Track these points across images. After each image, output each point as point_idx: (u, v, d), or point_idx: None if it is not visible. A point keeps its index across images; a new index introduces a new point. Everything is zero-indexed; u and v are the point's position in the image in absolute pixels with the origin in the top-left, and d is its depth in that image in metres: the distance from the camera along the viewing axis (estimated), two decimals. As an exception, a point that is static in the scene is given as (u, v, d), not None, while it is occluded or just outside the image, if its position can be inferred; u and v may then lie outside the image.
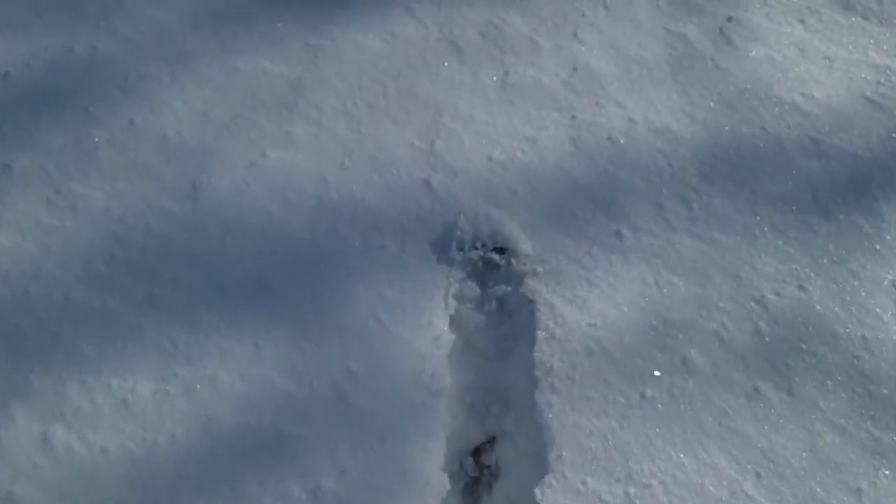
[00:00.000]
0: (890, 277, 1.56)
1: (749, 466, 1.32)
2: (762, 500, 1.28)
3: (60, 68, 1.92)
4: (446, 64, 1.97)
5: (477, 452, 1.39)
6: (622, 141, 1.80)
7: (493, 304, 1.51)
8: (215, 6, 2.09)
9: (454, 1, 2.14)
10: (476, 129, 1.82)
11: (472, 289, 1.51)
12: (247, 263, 1.55)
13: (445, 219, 1.63)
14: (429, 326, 1.45)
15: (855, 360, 1.44)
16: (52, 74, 1.91)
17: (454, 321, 1.49)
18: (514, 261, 1.54)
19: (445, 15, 2.10)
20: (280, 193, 1.68)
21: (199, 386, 1.37)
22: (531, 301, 1.49)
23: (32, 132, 1.79)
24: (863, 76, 1.96)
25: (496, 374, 1.48)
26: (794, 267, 1.57)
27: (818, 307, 1.50)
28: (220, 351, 1.41)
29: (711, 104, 1.90)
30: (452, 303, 1.50)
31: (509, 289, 1.51)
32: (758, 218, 1.65)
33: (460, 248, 1.56)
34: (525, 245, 1.57)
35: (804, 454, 1.33)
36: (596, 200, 1.68)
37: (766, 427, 1.36)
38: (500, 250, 1.56)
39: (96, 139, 1.75)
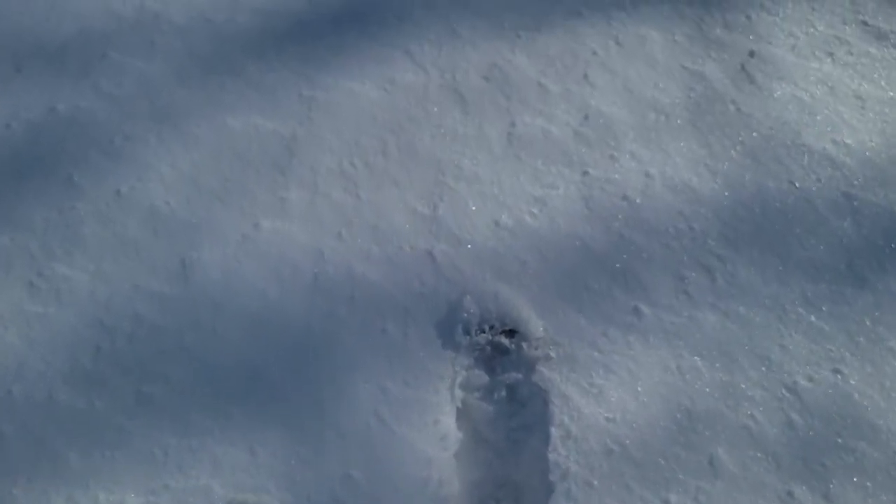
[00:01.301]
0: (932, 354, 1.45)
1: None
2: None
3: (42, 130, 1.82)
4: (449, 115, 1.85)
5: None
6: (638, 200, 1.68)
7: (503, 393, 1.41)
8: (202, 54, 1.98)
9: (455, 41, 2.02)
10: (481, 189, 1.71)
11: (480, 377, 1.42)
12: (240, 353, 1.46)
13: (450, 297, 1.53)
14: (435, 425, 1.36)
15: (896, 454, 1.34)
16: (33, 138, 1.81)
17: (461, 414, 1.39)
18: (524, 345, 1.44)
19: (447, 58, 1.98)
20: (274, 270, 1.58)
21: (191, 499, 1.29)
22: (544, 391, 1.39)
23: (15, 205, 1.69)
24: (898, 119, 1.83)
25: (507, 470, 1.39)
26: (828, 347, 1.45)
27: (855, 395, 1.39)
28: (214, 458, 1.33)
29: (734, 154, 1.77)
30: (459, 393, 1.41)
31: (520, 376, 1.42)
32: (787, 289, 1.54)
33: (466, 332, 1.46)
34: (536, 326, 1.47)
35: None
36: (611, 271, 1.57)
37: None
38: (510, 332, 1.46)
39: (81, 212, 1.65)
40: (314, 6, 2.10)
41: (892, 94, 1.88)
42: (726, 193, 1.70)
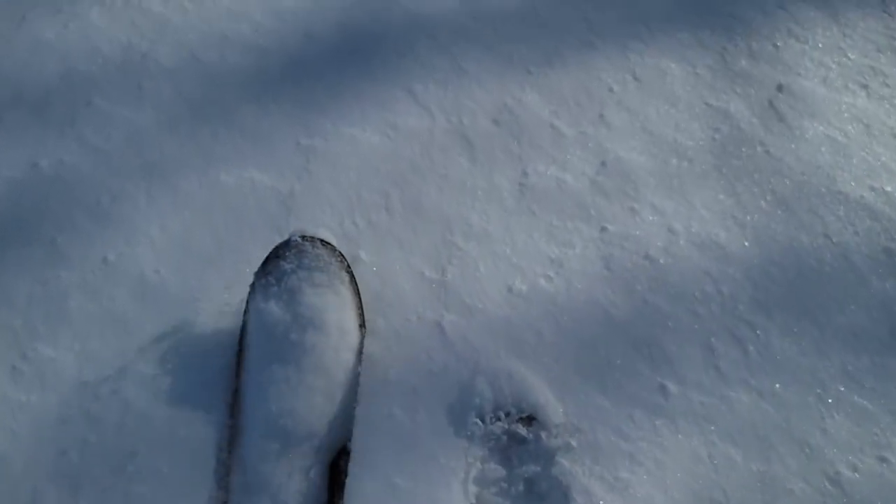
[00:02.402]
0: None
1: None
2: None
3: (24, 190, 1.72)
4: (456, 163, 1.73)
5: None
6: (662, 260, 1.56)
7: (521, 487, 1.30)
8: (193, 101, 1.86)
9: (462, 79, 1.89)
10: (493, 249, 1.60)
11: (496, 470, 1.31)
12: (237, 444, 1.37)
13: (461, 376, 1.42)
14: (448, 527, 1.27)
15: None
16: (15, 198, 1.70)
17: (476, 511, 1.30)
18: (543, 434, 1.33)
19: (452, 98, 1.85)
20: (273, 346, 1.49)
21: None
22: (565, 485, 1.29)
23: (-4, 274, 1.61)
24: (941, 161, 1.70)
25: (526, 569, 1.29)
26: (873, 430, 1.34)
27: (905, 488, 1.28)
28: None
29: (763, 204, 1.65)
30: (473, 489, 1.30)
31: (538, 469, 1.31)
32: (826, 362, 1.42)
33: (480, 418, 1.36)
34: (555, 410, 1.36)
35: None
36: (635, 342, 1.46)
37: None
38: (527, 419, 1.36)
39: (66, 283, 1.55)
40: (311, 42, 1.98)
41: (933, 132, 1.76)
42: (756, 250, 1.58)
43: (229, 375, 1.42)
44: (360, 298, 1.47)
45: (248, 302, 1.45)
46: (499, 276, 1.56)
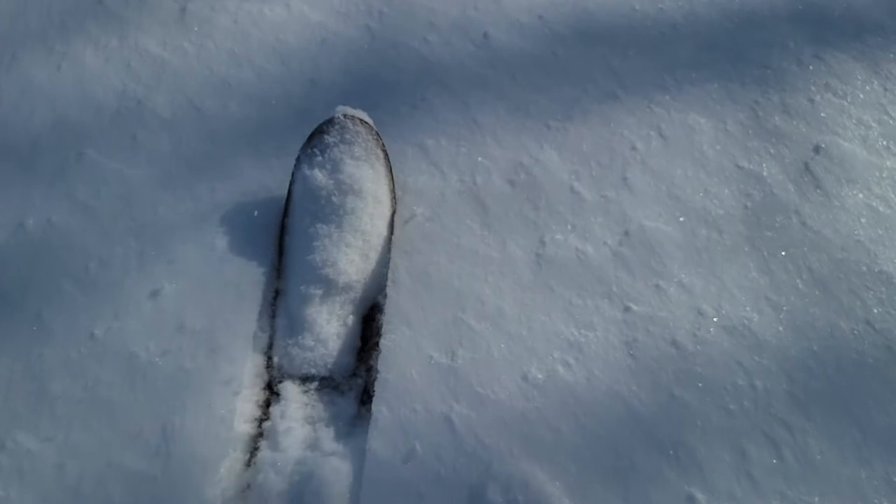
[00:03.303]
0: None
1: None
2: None
3: (9, 253, 1.61)
4: (468, 229, 1.62)
5: None
6: (690, 347, 1.45)
7: None
8: (190, 153, 1.75)
9: (476, 134, 1.78)
10: (507, 330, 1.49)
11: (509, 589, 1.22)
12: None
13: (471, 480, 1.31)
14: None
15: None
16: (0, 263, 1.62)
17: None
18: (560, 552, 1.23)
19: (466, 155, 1.74)
20: (269, 438, 1.39)
21: None
22: None
23: (-23, 349, 1.51)
24: None
25: None
26: (921, 555, 1.24)
27: None
28: None
29: (800, 284, 1.53)
30: None
31: (555, 591, 1.21)
32: (868, 470, 1.31)
33: (492, 530, 1.26)
34: (574, 522, 1.26)
35: None
36: (661, 443, 1.35)
37: None
38: (543, 533, 1.26)
39: (49, 362, 1.45)
40: (317, 90, 1.87)
41: (984, 204, 1.63)
42: (792, 338, 1.46)
43: (275, 233, 1.61)
44: (392, 175, 1.67)
45: (293, 172, 1.64)
46: (513, 362, 1.45)
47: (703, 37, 1.96)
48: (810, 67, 1.87)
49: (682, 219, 1.63)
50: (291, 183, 1.63)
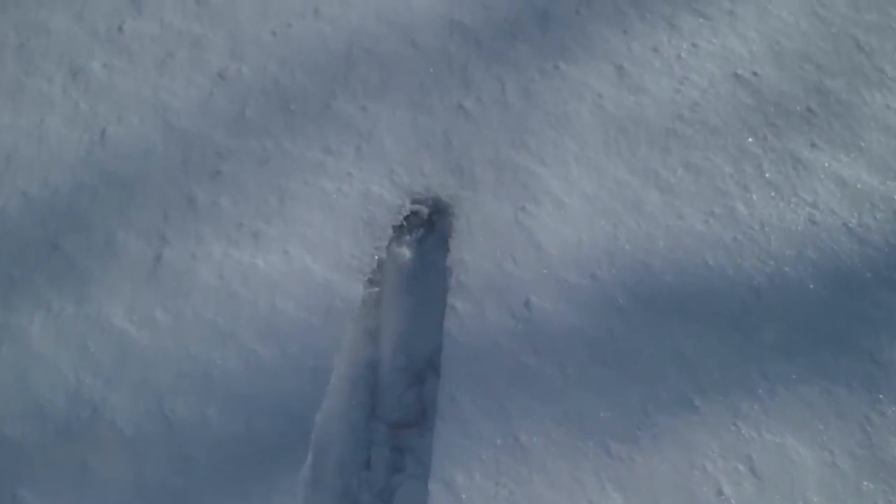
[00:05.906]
0: None
1: None
2: None
3: None
4: None
5: None
6: None
7: None
8: (155, 485, 1.38)
9: (522, 467, 1.40)
10: None
11: None
12: None
13: None
14: None
15: None
16: None
17: None
18: None
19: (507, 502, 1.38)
20: None
21: None
22: None
23: None
24: None
25: None
26: None
27: None
28: None
29: None
30: None
31: None
32: None
33: None
34: None
35: None
36: None
37: None
38: None
39: None
40: (319, 388, 1.50)
41: None
42: None
43: None
44: None
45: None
46: None
47: (792, 310, 1.59)
48: (930, 366, 1.53)
49: None
50: None
